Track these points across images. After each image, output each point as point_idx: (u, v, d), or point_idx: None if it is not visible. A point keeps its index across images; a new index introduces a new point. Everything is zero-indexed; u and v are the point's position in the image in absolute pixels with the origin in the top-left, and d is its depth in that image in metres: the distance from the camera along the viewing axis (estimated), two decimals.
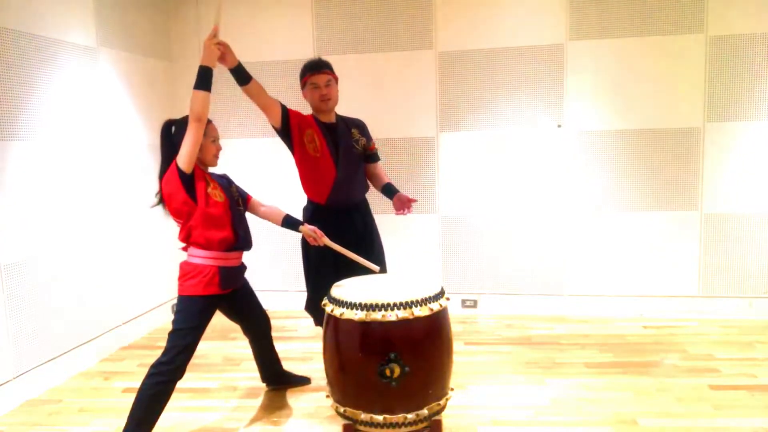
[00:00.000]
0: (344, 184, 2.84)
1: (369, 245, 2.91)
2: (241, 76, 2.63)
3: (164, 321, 4.34)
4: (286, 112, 2.77)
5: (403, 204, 2.82)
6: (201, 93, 2.33)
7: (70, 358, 3.37)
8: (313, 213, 2.91)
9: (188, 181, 2.38)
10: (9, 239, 2.96)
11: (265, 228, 3.02)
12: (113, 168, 3.79)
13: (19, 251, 3.02)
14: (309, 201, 2.98)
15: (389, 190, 2.93)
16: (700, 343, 3.61)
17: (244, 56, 4.35)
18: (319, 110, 2.85)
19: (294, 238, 4.22)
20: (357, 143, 2.89)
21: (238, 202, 2.62)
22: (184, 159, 2.35)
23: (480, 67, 4.19)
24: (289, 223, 2.75)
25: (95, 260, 3.60)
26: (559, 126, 4.15)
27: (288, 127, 2.78)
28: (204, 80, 2.35)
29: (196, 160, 2.41)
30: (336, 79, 2.87)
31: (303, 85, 2.85)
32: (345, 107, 4.28)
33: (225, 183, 2.63)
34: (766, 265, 4.04)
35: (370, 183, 3.06)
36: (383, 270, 2.67)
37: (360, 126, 2.98)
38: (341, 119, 2.95)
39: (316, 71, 2.79)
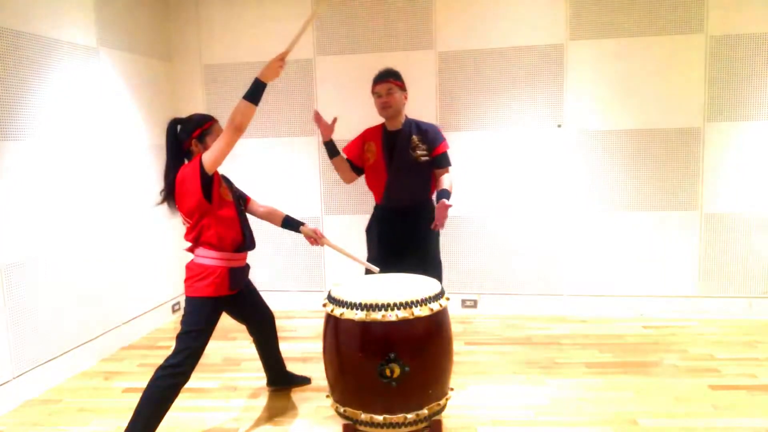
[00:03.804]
0: (395, 187, 3.03)
1: (413, 250, 2.99)
2: (332, 150, 3.05)
3: (164, 321, 4.34)
4: (354, 167, 3.16)
5: (437, 216, 2.79)
6: (250, 105, 2.30)
7: (70, 358, 3.37)
8: (375, 211, 3.19)
9: (209, 181, 2.38)
10: (9, 239, 2.96)
11: (264, 228, 3.03)
12: (113, 168, 3.78)
13: (20, 251, 3.02)
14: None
15: (438, 197, 2.90)
16: (700, 343, 3.61)
17: (244, 56, 4.44)
18: (383, 116, 3.03)
19: (293, 238, 4.26)
20: (414, 150, 2.97)
21: (239, 202, 2.63)
22: (211, 162, 2.33)
23: (480, 67, 4.19)
24: (288, 223, 2.75)
25: (95, 260, 3.60)
26: (559, 126, 4.15)
27: (359, 169, 3.17)
28: (256, 94, 2.31)
29: None
30: (399, 86, 2.97)
31: (372, 95, 3.02)
32: (345, 107, 4.32)
33: (228, 183, 2.64)
34: (766, 265, 4.04)
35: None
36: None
37: (425, 132, 3.01)
38: (409, 125, 3.03)
39: (378, 81, 2.96)
